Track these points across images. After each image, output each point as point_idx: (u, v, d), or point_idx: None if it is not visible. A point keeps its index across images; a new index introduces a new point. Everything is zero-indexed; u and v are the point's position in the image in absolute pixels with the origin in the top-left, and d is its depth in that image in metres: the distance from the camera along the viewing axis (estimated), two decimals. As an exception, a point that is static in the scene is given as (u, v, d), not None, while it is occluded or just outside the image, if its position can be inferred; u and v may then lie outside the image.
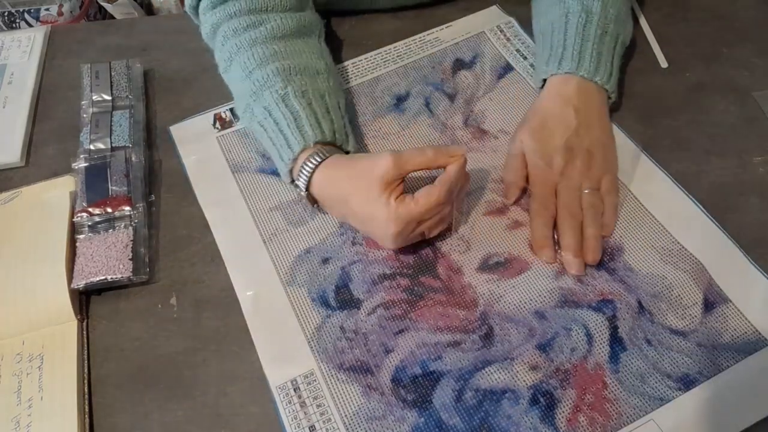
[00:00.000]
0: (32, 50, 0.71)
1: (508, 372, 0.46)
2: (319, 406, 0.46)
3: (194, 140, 0.62)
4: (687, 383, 0.45)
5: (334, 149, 0.52)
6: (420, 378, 0.47)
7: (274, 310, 0.51)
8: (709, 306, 0.48)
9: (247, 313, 0.51)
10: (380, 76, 0.66)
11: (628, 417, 0.44)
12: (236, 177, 0.59)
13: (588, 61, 0.55)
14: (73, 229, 0.54)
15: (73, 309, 0.50)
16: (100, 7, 1.06)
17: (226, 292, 0.52)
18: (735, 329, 0.47)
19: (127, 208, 0.55)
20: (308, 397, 0.46)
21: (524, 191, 0.55)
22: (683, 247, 0.51)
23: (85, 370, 0.49)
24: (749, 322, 0.47)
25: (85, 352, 0.50)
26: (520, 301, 0.50)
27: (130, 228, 0.54)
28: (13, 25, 1.00)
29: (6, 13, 0.99)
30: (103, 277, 0.51)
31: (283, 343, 0.49)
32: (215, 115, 0.64)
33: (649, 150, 0.57)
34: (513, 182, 0.55)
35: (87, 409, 0.47)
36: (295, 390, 0.47)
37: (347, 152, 0.54)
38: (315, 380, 0.47)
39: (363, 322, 0.49)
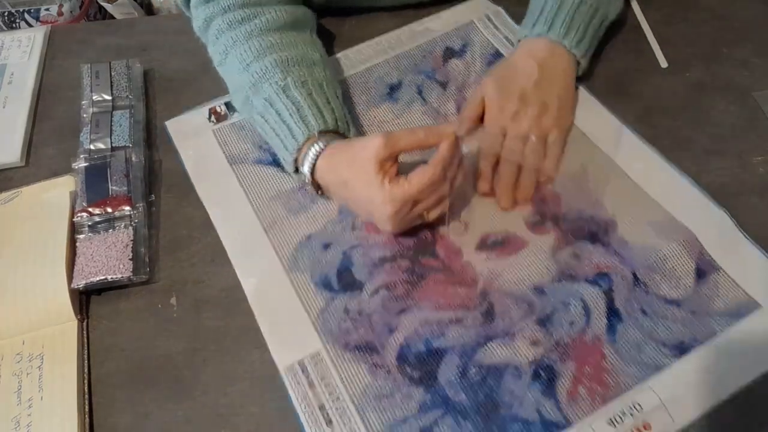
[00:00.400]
0: (32, 50, 0.71)
1: (510, 348, 0.47)
2: (327, 385, 0.47)
3: (191, 135, 0.63)
4: (682, 350, 0.46)
5: (336, 136, 0.53)
6: (424, 355, 0.47)
7: (278, 296, 0.51)
8: (701, 275, 0.50)
9: (251, 300, 0.51)
10: (372, 67, 0.67)
11: (625, 385, 0.45)
12: (234, 169, 0.59)
13: (559, 26, 0.58)
14: (73, 229, 0.54)
15: (73, 309, 0.50)
16: (100, 7, 1.07)
17: (226, 292, 0.52)
18: (727, 295, 0.49)
19: (127, 208, 0.55)
20: (316, 377, 0.47)
21: (474, 129, 0.59)
22: (675, 218, 0.53)
23: (85, 370, 0.49)
24: (740, 287, 0.49)
25: (85, 351, 0.50)
26: (519, 278, 0.51)
27: (130, 228, 0.54)
28: (13, 25, 1.00)
29: (6, 13, 0.99)
30: (103, 277, 0.51)
31: (289, 327, 0.50)
32: (210, 109, 0.64)
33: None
34: (466, 117, 0.59)
35: (87, 409, 0.47)
36: (303, 371, 0.47)
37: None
38: (322, 360, 0.48)
39: (366, 304, 0.50)
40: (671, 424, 0.43)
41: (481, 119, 0.59)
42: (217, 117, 0.64)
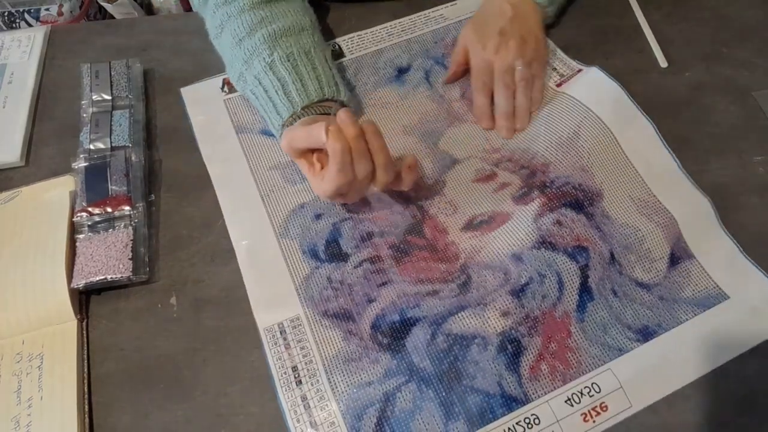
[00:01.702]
0: (32, 50, 0.71)
1: (480, 318, 0.48)
2: (302, 348, 0.48)
3: (203, 102, 0.65)
4: (646, 335, 0.47)
5: (323, 107, 0.55)
6: (397, 324, 0.49)
7: (267, 259, 0.53)
8: (674, 261, 0.51)
9: (241, 262, 0.53)
10: (384, 49, 0.68)
11: (587, 366, 0.46)
12: (239, 137, 0.62)
13: None
14: (73, 229, 0.54)
15: (73, 309, 0.50)
16: (100, 7, 1.06)
17: (226, 291, 0.52)
18: (697, 284, 0.50)
19: (127, 207, 0.55)
20: (293, 339, 0.49)
21: (463, 74, 0.64)
22: (658, 200, 0.53)
23: (85, 370, 0.49)
24: (710, 277, 0.50)
25: (85, 351, 0.50)
26: (500, 247, 0.51)
27: (130, 228, 0.54)
28: (13, 25, 1.00)
29: (6, 13, 0.98)
30: (102, 277, 0.51)
31: (274, 290, 0.52)
32: (224, 79, 0.66)
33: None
34: (453, 65, 0.64)
35: (87, 409, 0.47)
36: (281, 333, 0.49)
37: (342, 102, 0.57)
38: (300, 324, 0.50)
39: (349, 274, 0.52)
40: (628, 408, 0.44)
41: (465, 67, 0.63)
42: (230, 87, 0.66)
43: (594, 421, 0.44)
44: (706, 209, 0.52)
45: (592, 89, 0.59)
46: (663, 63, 0.64)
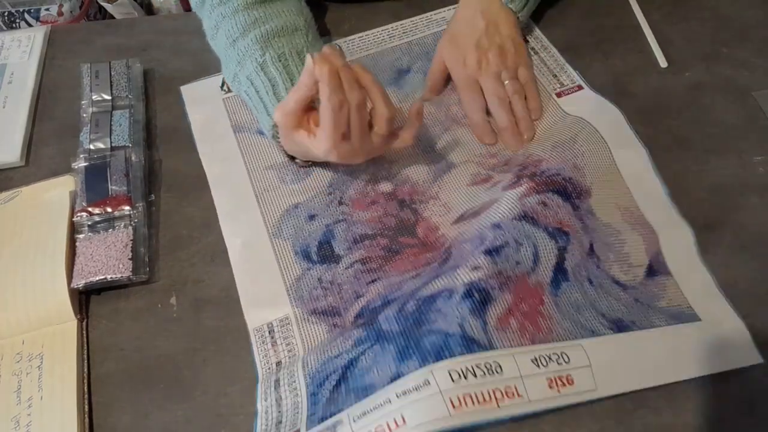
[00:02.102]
0: (32, 50, 0.71)
1: (450, 277, 0.46)
2: (288, 345, 0.49)
3: (202, 101, 0.65)
4: (620, 327, 0.46)
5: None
6: (378, 308, 0.49)
7: (259, 259, 0.53)
8: (652, 272, 0.50)
9: (233, 261, 0.53)
10: (385, 50, 0.68)
11: (557, 335, 0.44)
12: (237, 136, 0.62)
13: None
14: (73, 229, 0.54)
15: (72, 309, 0.50)
16: (100, 7, 1.06)
17: (226, 291, 0.52)
18: (671, 299, 0.48)
19: (127, 207, 0.55)
20: (279, 338, 0.49)
21: (438, 92, 0.63)
22: (643, 215, 0.53)
23: (85, 370, 0.49)
24: (685, 298, 0.48)
25: (85, 351, 0.50)
26: (482, 222, 0.50)
27: (130, 228, 0.54)
28: (13, 25, 0.99)
29: (6, 13, 0.98)
30: (102, 277, 0.51)
31: (264, 290, 0.52)
32: (224, 78, 0.66)
33: (648, 150, 0.57)
34: (432, 80, 0.63)
35: (87, 409, 0.47)
36: (269, 332, 0.50)
37: None
38: (289, 324, 0.50)
39: (340, 275, 0.52)
40: (593, 390, 0.42)
41: (446, 82, 0.63)
42: (229, 87, 0.66)
43: (559, 392, 0.41)
44: (687, 239, 0.51)
45: (594, 111, 0.59)
46: (663, 63, 0.64)
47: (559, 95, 0.62)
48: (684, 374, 0.44)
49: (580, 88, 0.62)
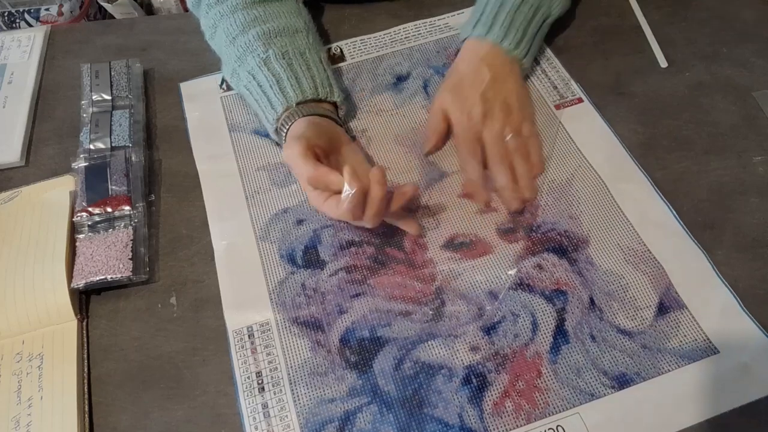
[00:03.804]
0: (32, 50, 0.71)
1: (449, 349, 0.48)
2: (268, 354, 0.48)
3: (199, 98, 0.65)
4: (622, 382, 0.45)
5: (317, 106, 0.55)
6: (366, 342, 0.48)
7: (244, 261, 0.53)
8: (663, 310, 0.48)
9: (218, 261, 0.53)
10: (385, 55, 0.68)
11: (554, 408, 0.45)
12: (232, 135, 0.62)
13: (499, 27, 0.59)
14: (73, 229, 0.54)
15: (73, 309, 0.50)
16: (100, 7, 1.06)
17: (226, 291, 0.52)
18: (685, 335, 0.47)
19: (127, 207, 0.55)
20: (260, 344, 0.49)
21: (442, 144, 0.59)
22: (648, 250, 0.51)
23: (85, 370, 0.49)
24: (701, 329, 0.47)
25: (85, 351, 0.50)
26: (477, 281, 0.51)
27: (130, 228, 0.54)
28: (13, 25, 1.00)
29: (6, 13, 0.98)
30: (102, 277, 0.51)
31: (247, 292, 0.52)
32: (223, 76, 0.66)
33: (648, 150, 0.57)
34: (431, 133, 0.59)
35: (87, 409, 0.47)
36: (249, 336, 0.49)
37: (334, 102, 0.57)
38: (269, 329, 0.49)
39: (324, 282, 0.52)
40: None
41: (446, 135, 0.59)
42: (227, 85, 0.66)
43: None
44: (700, 262, 0.50)
45: (591, 135, 0.59)
46: (663, 63, 0.64)
47: (558, 107, 0.61)
48: (700, 416, 0.43)
49: (580, 100, 0.61)
